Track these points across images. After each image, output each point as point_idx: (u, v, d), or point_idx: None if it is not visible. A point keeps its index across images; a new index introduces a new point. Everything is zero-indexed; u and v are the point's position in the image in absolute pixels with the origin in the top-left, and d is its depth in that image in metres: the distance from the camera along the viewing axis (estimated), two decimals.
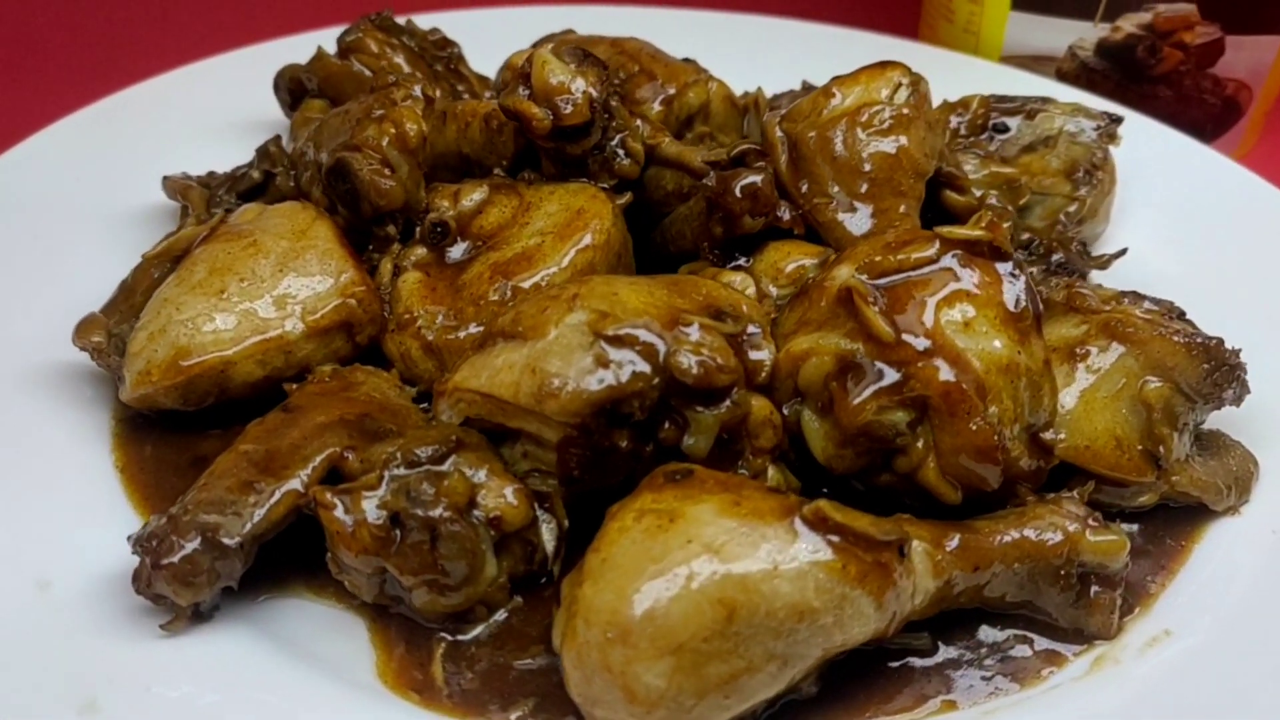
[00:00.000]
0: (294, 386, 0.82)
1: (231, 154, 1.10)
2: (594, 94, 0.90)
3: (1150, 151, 1.19)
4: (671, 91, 1.07)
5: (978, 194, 1.01)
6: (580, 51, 0.91)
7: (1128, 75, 1.28)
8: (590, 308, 0.74)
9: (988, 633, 0.75)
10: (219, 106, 1.18)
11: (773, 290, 0.91)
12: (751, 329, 0.78)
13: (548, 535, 0.74)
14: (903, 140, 0.92)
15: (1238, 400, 0.83)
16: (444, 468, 0.72)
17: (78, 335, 0.84)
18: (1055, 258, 0.98)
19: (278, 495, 0.71)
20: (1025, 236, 0.99)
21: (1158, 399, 0.80)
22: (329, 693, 0.69)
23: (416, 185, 0.92)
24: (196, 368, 0.81)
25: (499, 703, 0.69)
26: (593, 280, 0.77)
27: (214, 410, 0.84)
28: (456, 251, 0.90)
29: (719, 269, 0.92)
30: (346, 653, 0.72)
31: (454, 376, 0.77)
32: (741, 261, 0.93)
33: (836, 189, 0.93)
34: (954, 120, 1.08)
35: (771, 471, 0.76)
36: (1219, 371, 0.81)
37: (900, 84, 0.94)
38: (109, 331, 0.84)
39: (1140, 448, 0.81)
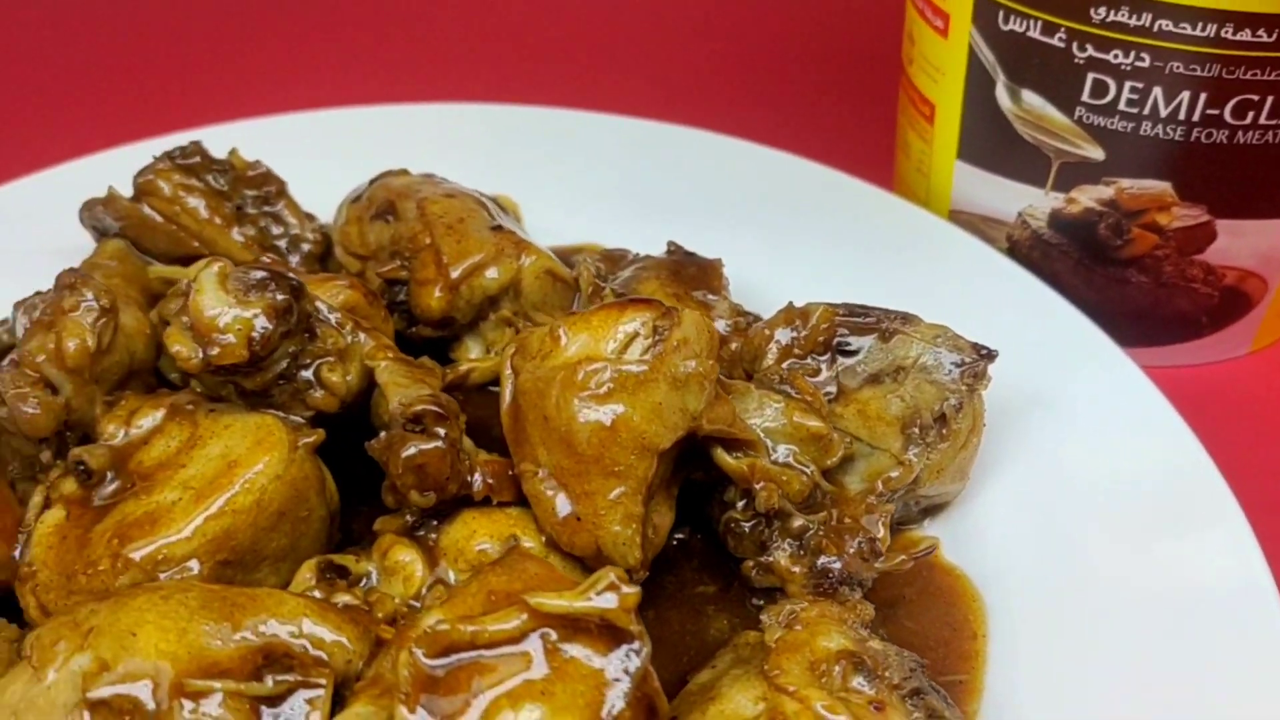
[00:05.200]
0: None
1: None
2: (258, 330, 0.77)
3: (1071, 374, 0.95)
4: (456, 274, 0.93)
5: (778, 453, 0.82)
6: (262, 273, 0.78)
7: (1090, 254, 1.03)
8: (96, 652, 0.63)
9: None
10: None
11: (450, 576, 0.77)
12: (304, 694, 0.64)
13: None
14: (622, 410, 0.75)
15: None
16: None
17: None
18: (823, 561, 0.78)
19: None
20: (798, 525, 0.80)
21: None
22: None
23: (89, 403, 0.82)
24: None
25: None
26: (126, 605, 0.65)
27: None
28: (106, 491, 0.79)
29: (398, 539, 0.78)
30: None
31: None
32: (434, 530, 0.79)
33: (544, 457, 0.77)
34: (788, 334, 0.89)
35: None
36: None
37: (637, 334, 0.77)
38: None
39: None
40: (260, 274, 0.78)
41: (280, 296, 0.78)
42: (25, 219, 1.11)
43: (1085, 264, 1.04)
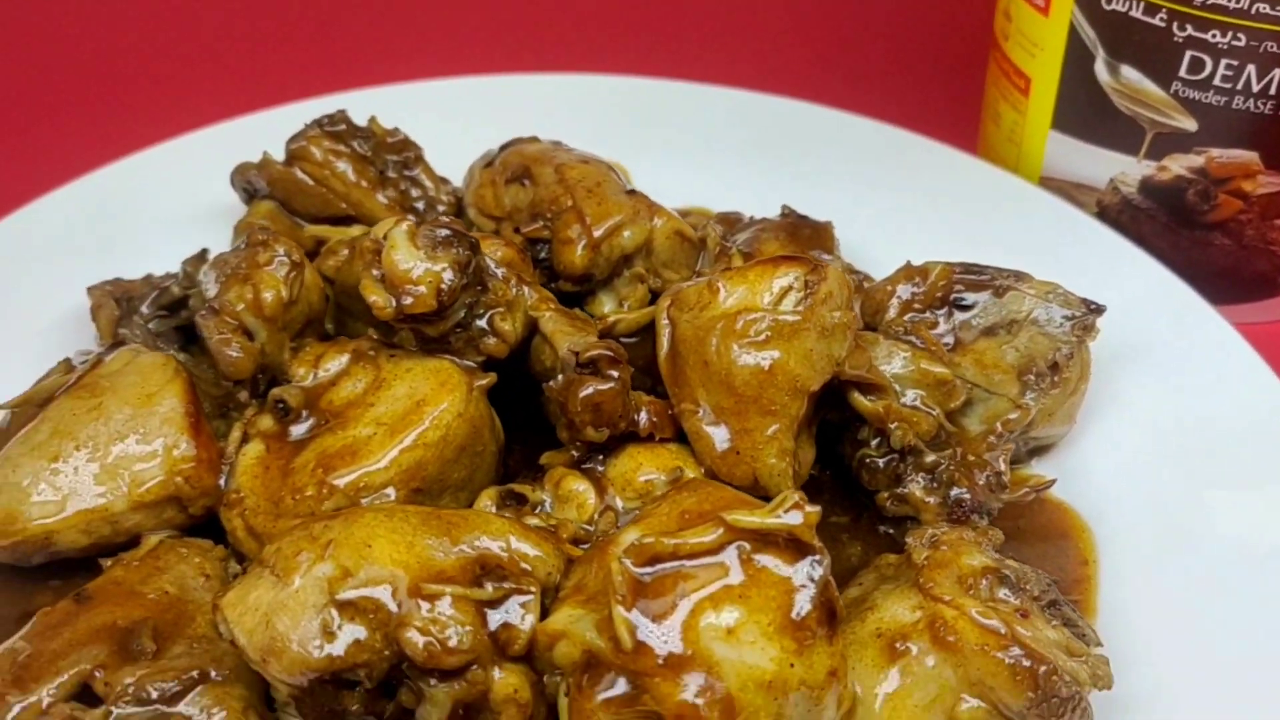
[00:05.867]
0: (108, 562, 0.83)
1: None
2: (446, 282, 0.85)
3: (1165, 329, 1.03)
4: (598, 234, 1.00)
5: (906, 397, 0.90)
6: (446, 231, 0.86)
7: (1177, 218, 1.11)
8: (337, 561, 0.71)
9: None
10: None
11: (619, 503, 0.85)
12: (518, 599, 0.72)
13: None
14: (778, 355, 0.83)
15: None
16: (174, 709, 0.71)
17: None
18: (955, 493, 0.86)
19: (15, 711, 0.72)
20: (930, 460, 0.88)
21: None
22: None
23: (279, 348, 0.90)
24: (20, 534, 0.83)
25: None
26: (357, 521, 0.73)
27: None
28: (301, 428, 0.88)
29: (568, 470, 0.87)
30: None
31: (226, 594, 0.76)
32: (599, 463, 0.88)
33: (703, 398, 0.85)
34: (908, 290, 0.97)
35: None
36: (1047, 703, 0.70)
37: (790, 287, 0.84)
38: None
39: None
40: (445, 231, 0.86)
41: (463, 251, 0.86)
42: (173, 180, 1.19)
43: (1172, 227, 1.11)
